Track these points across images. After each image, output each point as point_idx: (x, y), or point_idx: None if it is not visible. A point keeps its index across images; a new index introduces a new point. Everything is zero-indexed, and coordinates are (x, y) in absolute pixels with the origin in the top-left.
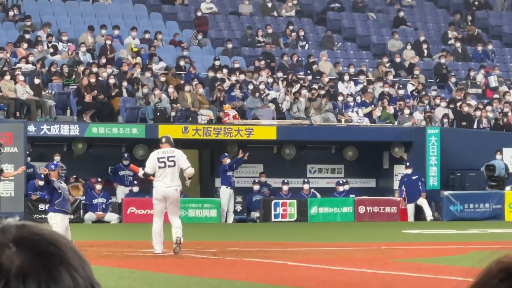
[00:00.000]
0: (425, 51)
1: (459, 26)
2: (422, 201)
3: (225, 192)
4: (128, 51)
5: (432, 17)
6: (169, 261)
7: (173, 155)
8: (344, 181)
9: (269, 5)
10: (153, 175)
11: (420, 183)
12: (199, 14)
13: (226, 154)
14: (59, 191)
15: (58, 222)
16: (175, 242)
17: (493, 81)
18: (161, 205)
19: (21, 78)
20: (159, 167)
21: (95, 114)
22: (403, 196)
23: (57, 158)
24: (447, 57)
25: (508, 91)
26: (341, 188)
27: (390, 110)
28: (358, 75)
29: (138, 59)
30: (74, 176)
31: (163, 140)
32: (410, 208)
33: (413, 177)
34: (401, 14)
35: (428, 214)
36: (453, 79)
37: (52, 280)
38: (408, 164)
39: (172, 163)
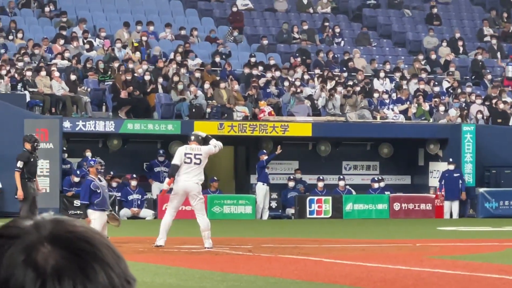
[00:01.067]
0: (461, 48)
1: (495, 23)
2: (455, 204)
3: (262, 189)
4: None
5: (467, 14)
6: (204, 257)
7: (200, 153)
8: (380, 178)
9: (305, 1)
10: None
11: (460, 181)
12: (234, 9)
13: (264, 151)
14: (98, 191)
15: (96, 219)
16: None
17: (510, 70)
18: (178, 200)
19: (57, 74)
20: (185, 162)
21: (131, 110)
22: (442, 191)
23: (88, 154)
24: (482, 54)
25: None
26: (376, 185)
27: (426, 107)
28: (393, 72)
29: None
30: (111, 173)
31: (192, 138)
32: (447, 205)
33: (455, 174)
34: (435, 10)
35: (454, 216)
36: (489, 76)
37: (87, 279)
38: (451, 160)
39: (198, 161)
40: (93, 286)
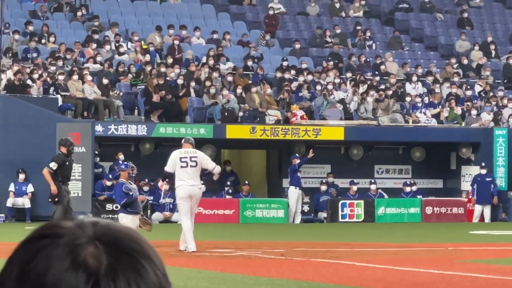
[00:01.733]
0: (493, 52)
1: None
2: (487, 208)
3: (294, 193)
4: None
5: (500, 18)
6: (236, 261)
7: (195, 156)
8: (412, 181)
9: (337, 5)
10: (171, 176)
11: (492, 185)
12: (271, 12)
13: (296, 154)
14: (130, 193)
15: (128, 222)
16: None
17: None
18: (187, 204)
19: (89, 78)
20: (181, 167)
21: (163, 114)
22: (474, 196)
23: (121, 157)
24: None
25: None
26: (408, 189)
27: (458, 111)
28: (425, 76)
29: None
30: (146, 180)
31: (185, 140)
32: (478, 209)
33: (487, 178)
34: (465, 15)
35: (486, 220)
36: None
37: (140, 276)
38: (484, 164)
39: (194, 163)
40: (145, 284)
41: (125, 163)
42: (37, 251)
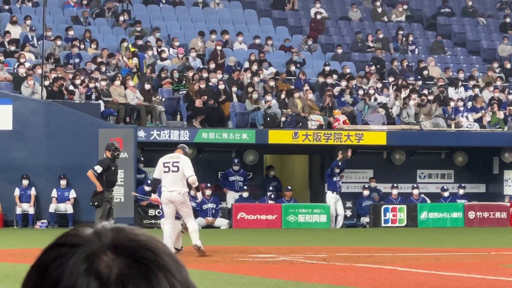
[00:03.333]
0: None
1: None
2: None
3: (331, 198)
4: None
5: None
6: (278, 266)
7: (177, 161)
8: (463, 185)
9: (379, 10)
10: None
11: None
12: (318, 17)
13: (338, 160)
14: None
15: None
16: (194, 249)
17: None
18: (170, 208)
19: (131, 83)
20: (164, 172)
21: (205, 119)
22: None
23: None
24: None
25: None
26: (446, 194)
27: (500, 115)
28: (468, 80)
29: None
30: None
31: (178, 146)
32: None
33: None
34: (507, 19)
35: None
36: None
37: (151, 286)
38: None
39: (175, 168)
40: None
41: None
42: (54, 259)
